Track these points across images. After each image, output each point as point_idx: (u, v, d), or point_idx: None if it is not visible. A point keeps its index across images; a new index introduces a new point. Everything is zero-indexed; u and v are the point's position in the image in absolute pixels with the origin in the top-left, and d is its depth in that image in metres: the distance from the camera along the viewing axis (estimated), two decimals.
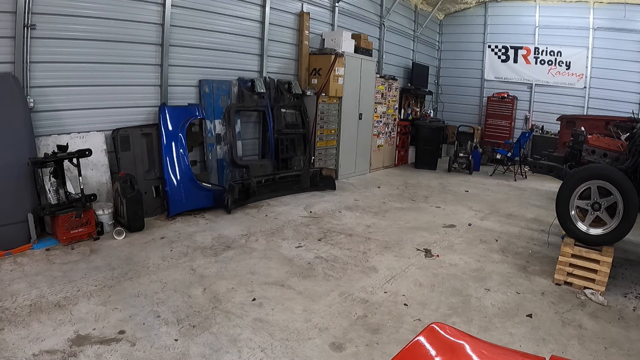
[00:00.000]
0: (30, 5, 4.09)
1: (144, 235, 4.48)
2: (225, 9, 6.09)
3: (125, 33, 4.94)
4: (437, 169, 9.63)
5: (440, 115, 12.13)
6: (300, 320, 2.99)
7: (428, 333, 1.15)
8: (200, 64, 5.85)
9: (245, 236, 4.63)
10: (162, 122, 5.14)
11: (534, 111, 11.11)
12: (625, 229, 3.58)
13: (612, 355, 2.76)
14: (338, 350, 2.66)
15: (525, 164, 8.79)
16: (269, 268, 3.85)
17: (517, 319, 3.15)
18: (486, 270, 4.05)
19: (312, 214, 5.61)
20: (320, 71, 7.32)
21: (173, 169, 5.14)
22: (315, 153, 7.29)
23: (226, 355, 2.56)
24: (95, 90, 4.78)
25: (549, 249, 4.66)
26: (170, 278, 3.53)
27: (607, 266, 3.61)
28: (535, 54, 10.89)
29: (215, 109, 6.00)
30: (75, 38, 4.52)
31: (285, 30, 7.15)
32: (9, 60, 4.06)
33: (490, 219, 5.84)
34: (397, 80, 9.60)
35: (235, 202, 5.49)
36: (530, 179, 9.04)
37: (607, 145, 4.13)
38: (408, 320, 3.08)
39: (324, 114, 7.41)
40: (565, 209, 3.81)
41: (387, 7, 9.67)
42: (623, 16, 9.57)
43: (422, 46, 11.64)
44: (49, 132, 4.42)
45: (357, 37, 8.01)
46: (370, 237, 4.81)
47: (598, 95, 10.16)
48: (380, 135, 9.12)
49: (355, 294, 3.43)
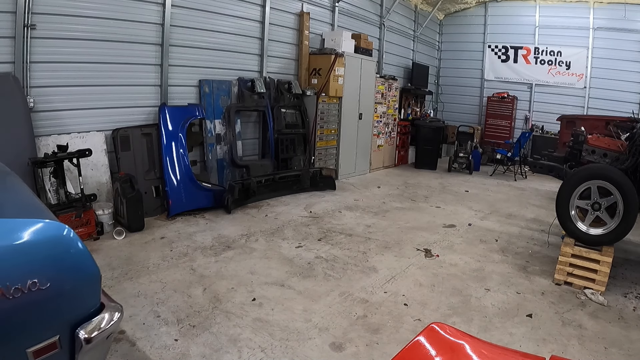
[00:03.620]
0: (30, 5, 4.09)
1: (144, 235, 4.48)
2: (225, 9, 6.09)
3: (125, 33, 4.94)
4: (437, 169, 9.63)
5: (440, 115, 12.12)
6: (300, 320, 2.99)
7: (428, 333, 1.15)
8: (200, 64, 5.85)
9: (245, 236, 4.63)
10: (162, 122, 5.14)
11: (534, 111, 11.11)
12: (625, 229, 3.58)
13: (612, 355, 2.76)
14: (338, 350, 2.67)
15: (525, 164, 8.79)
16: (269, 268, 3.85)
17: (517, 319, 3.15)
18: (486, 270, 4.06)
19: (312, 214, 5.61)
20: (320, 71, 7.32)
21: (173, 169, 5.14)
22: (315, 153, 7.30)
23: (226, 355, 2.56)
24: (95, 90, 4.78)
25: (549, 249, 4.66)
26: (170, 278, 3.53)
27: (607, 266, 3.61)
28: (535, 54, 10.88)
29: (215, 109, 6.00)
30: (75, 38, 4.52)
31: (285, 30, 7.15)
32: (9, 60, 4.06)
33: (490, 219, 5.84)
34: (397, 80, 9.59)
35: (235, 202, 5.49)
36: (530, 179, 9.05)
37: (607, 145, 4.13)
38: (408, 320, 3.08)
39: (324, 114, 7.41)
40: (565, 209, 3.81)
41: (387, 7, 9.67)
42: (623, 16, 9.57)
43: (422, 46, 11.64)
44: (49, 132, 4.42)
45: (357, 37, 8.01)
46: (370, 237, 4.81)
47: (598, 95, 10.15)
48: (380, 135, 9.12)
49: (355, 294, 3.43)
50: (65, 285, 1.41)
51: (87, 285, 1.51)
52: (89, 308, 1.52)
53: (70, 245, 1.44)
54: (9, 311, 1.27)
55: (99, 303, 1.56)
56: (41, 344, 1.37)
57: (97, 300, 1.56)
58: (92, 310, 1.52)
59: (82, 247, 1.47)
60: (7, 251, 1.30)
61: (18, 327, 1.32)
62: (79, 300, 1.49)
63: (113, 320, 1.54)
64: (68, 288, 1.42)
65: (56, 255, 1.40)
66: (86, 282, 1.51)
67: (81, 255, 1.46)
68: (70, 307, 1.45)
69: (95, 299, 1.55)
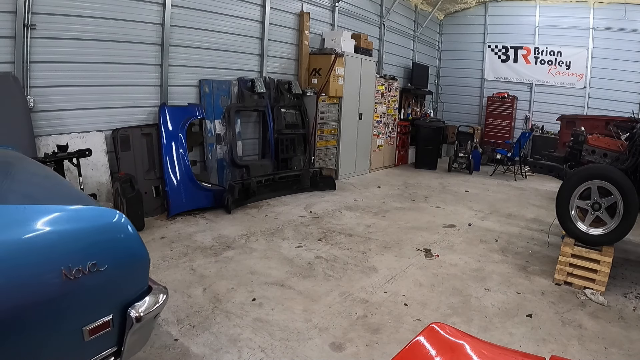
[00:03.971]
0: (30, 5, 4.09)
1: (144, 235, 4.47)
2: (225, 9, 6.09)
3: (125, 33, 4.94)
4: (437, 169, 9.63)
5: (440, 115, 12.12)
6: (300, 320, 2.99)
7: (428, 333, 1.15)
8: (200, 64, 5.85)
9: (245, 236, 4.63)
10: (162, 122, 5.15)
11: (534, 111, 11.11)
12: (625, 229, 3.58)
13: (612, 355, 2.76)
14: (338, 350, 2.67)
15: (525, 164, 8.78)
16: (269, 268, 3.85)
17: (517, 319, 3.15)
18: (486, 270, 4.06)
19: (312, 214, 5.61)
20: (320, 71, 7.32)
21: (173, 169, 5.14)
22: (315, 153, 7.30)
23: (226, 355, 2.56)
24: (95, 90, 4.78)
25: (549, 249, 4.66)
26: (170, 278, 3.53)
27: (607, 266, 3.61)
28: (535, 54, 10.89)
29: (215, 109, 6.00)
30: (75, 38, 4.52)
31: (285, 30, 7.15)
32: (9, 60, 4.06)
33: (490, 219, 5.84)
34: (397, 80, 9.60)
35: (235, 202, 5.49)
36: (530, 179, 9.05)
37: (607, 145, 4.13)
38: (408, 320, 3.08)
39: (324, 114, 7.41)
40: (565, 209, 3.81)
41: (387, 7, 9.67)
42: (623, 16, 9.57)
43: (422, 46, 11.64)
44: (49, 132, 4.42)
45: (357, 37, 8.01)
46: (370, 237, 4.81)
47: (598, 95, 10.15)
48: (380, 135, 9.12)
49: (355, 294, 3.44)
50: (120, 267, 1.53)
51: (138, 268, 1.63)
52: (139, 289, 1.63)
53: (124, 230, 1.56)
54: (71, 291, 1.37)
55: (147, 285, 1.68)
56: (96, 322, 1.48)
57: (145, 282, 1.67)
58: (141, 291, 1.64)
59: (133, 231, 1.58)
60: (68, 235, 1.41)
61: (77, 307, 1.42)
62: (130, 281, 1.61)
63: (160, 301, 1.66)
64: (122, 270, 1.54)
65: (111, 239, 1.52)
66: (137, 264, 1.63)
67: (133, 240, 1.58)
68: (123, 288, 1.57)
69: (144, 281, 1.67)
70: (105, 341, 1.54)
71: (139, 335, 1.64)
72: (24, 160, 2.45)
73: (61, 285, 1.33)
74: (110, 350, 1.57)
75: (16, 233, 1.31)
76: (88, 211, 1.53)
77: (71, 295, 1.38)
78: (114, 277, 1.50)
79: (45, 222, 1.38)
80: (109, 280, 1.48)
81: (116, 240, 1.53)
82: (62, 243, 1.38)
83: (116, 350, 1.58)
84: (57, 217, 1.43)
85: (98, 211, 1.54)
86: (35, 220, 1.37)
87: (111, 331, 1.53)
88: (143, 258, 1.63)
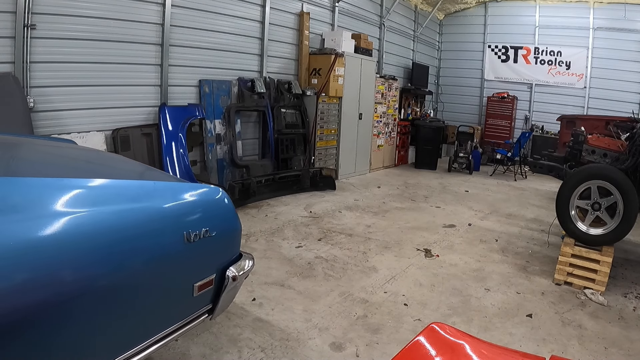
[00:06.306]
0: (30, 5, 4.09)
1: None
2: (225, 9, 6.09)
3: (125, 33, 4.94)
4: (437, 169, 9.64)
5: (440, 115, 12.12)
6: (300, 320, 2.99)
7: (428, 333, 1.15)
8: (200, 64, 5.85)
9: (245, 236, 4.62)
10: (162, 122, 5.14)
11: (534, 111, 11.11)
12: (625, 229, 3.58)
13: (612, 355, 2.76)
14: (338, 350, 2.67)
15: (525, 164, 8.79)
16: (269, 268, 3.85)
17: (517, 319, 3.15)
18: (486, 270, 4.06)
19: (312, 214, 5.61)
20: (320, 71, 7.32)
21: (173, 169, 5.14)
22: (315, 153, 7.30)
23: (226, 355, 2.55)
24: (95, 90, 4.78)
25: (549, 249, 4.66)
26: None
27: (607, 266, 3.61)
28: (535, 54, 10.89)
29: (215, 109, 6.00)
30: (75, 38, 4.52)
31: (285, 30, 7.15)
32: (9, 60, 4.06)
33: (490, 219, 5.84)
34: (397, 80, 9.60)
35: (235, 202, 5.47)
36: (530, 179, 9.05)
37: (607, 145, 4.13)
38: (408, 320, 3.08)
39: (324, 114, 7.41)
40: (565, 209, 3.81)
41: (387, 7, 9.67)
42: (623, 16, 9.58)
43: (422, 46, 11.64)
44: (49, 132, 4.41)
45: (357, 37, 8.01)
46: (370, 237, 4.81)
47: (598, 95, 10.15)
48: (380, 135, 9.13)
49: (355, 294, 3.43)
50: (224, 234, 1.85)
51: (235, 236, 1.97)
52: (233, 254, 1.96)
53: (227, 204, 1.90)
54: (190, 252, 1.66)
55: (239, 252, 2.00)
56: (204, 279, 1.77)
57: (238, 249, 2.00)
58: (234, 256, 1.96)
59: (231, 205, 1.92)
60: (189, 206, 1.75)
61: (192, 265, 1.72)
62: (229, 247, 1.93)
63: (249, 265, 1.98)
64: (225, 237, 1.86)
65: (218, 210, 1.86)
66: (235, 233, 1.96)
67: (232, 212, 1.93)
68: (224, 252, 1.90)
69: (237, 248, 2.01)
70: (205, 298, 1.83)
71: (229, 296, 1.93)
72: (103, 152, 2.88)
73: (183, 245, 1.62)
74: (206, 307, 1.86)
75: (153, 203, 1.62)
76: (200, 187, 1.84)
77: (189, 255, 1.66)
78: (219, 242, 1.80)
79: (171, 195, 1.70)
80: (215, 244, 1.79)
81: (222, 212, 1.86)
82: (185, 212, 1.70)
83: (211, 308, 1.88)
84: (179, 191, 1.75)
85: (207, 188, 1.86)
86: (165, 194, 1.69)
87: (211, 289, 1.82)
88: (239, 228, 1.97)
